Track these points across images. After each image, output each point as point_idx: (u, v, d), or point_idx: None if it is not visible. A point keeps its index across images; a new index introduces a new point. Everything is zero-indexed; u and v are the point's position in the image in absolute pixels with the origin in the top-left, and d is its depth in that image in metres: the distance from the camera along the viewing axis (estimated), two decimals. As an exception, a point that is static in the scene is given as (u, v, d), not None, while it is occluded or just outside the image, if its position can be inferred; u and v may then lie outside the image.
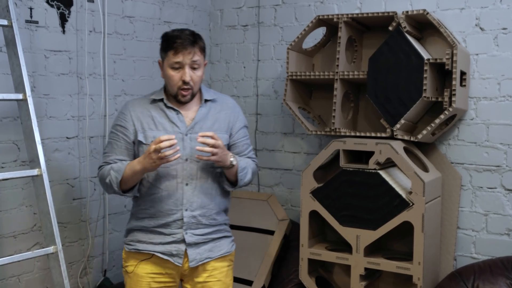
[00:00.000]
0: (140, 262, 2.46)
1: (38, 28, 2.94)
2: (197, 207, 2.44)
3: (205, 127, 2.47)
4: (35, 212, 2.96)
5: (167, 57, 2.39)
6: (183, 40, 2.36)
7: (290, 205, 3.67)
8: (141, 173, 2.36)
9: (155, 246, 2.44)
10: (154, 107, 2.48)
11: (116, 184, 2.37)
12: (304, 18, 3.53)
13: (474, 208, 3.04)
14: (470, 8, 3.00)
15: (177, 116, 2.45)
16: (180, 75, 2.39)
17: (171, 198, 2.42)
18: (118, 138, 2.46)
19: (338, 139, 2.92)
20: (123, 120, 2.46)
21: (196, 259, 2.45)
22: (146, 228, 2.46)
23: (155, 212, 2.44)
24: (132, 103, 2.52)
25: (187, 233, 2.43)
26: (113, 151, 2.46)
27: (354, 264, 2.89)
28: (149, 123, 2.44)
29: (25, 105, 2.50)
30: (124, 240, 2.55)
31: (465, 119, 3.04)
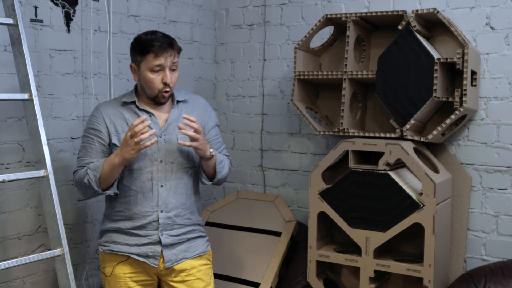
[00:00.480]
0: (117, 264, 2.47)
1: (43, 27, 2.90)
2: (172, 208, 2.46)
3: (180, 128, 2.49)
4: (39, 214, 2.92)
5: (145, 60, 2.39)
6: (162, 43, 2.38)
7: (296, 206, 3.63)
8: (120, 166, 2.35)
9: (130, 248, 2.46)
10: (126, 110, 2.49)
11: (95, 182, 2.34)
12: (311, 17, 3.49)
13: (484, 210, 3.01)
14: (481, 7, 2.96)
15: (150, 118, 2.46)
16: (161, 77, 2.41)
17: (147, 200, 2.44)
18: (92, 141, 2.44)
19: (347, 140, 2.88)
20: (96, 123, 2.46)
21: (171, 259, 2.47)
22: (121, 230, 2.47)
23: (131, 215, 2.45)
24: (103, 105, 2.51)
25: (162, 235, 2.45)
26: (87, 155, 2.44)
27: (364, 266, 2.85)
28: (123, 126, 2.45)
29: (31, 105, 2.46)
30: (99, 241, 2.56)
31: (475, 119, 3.01)
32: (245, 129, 3.79)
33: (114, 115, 2.46)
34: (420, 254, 2.91)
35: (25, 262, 2.39)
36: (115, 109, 2.48)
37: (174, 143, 2.47)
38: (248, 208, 3.57)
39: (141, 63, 2.42)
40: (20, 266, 2.71)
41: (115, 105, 2.51)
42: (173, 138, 2.47)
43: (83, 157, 2.45)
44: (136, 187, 2.44)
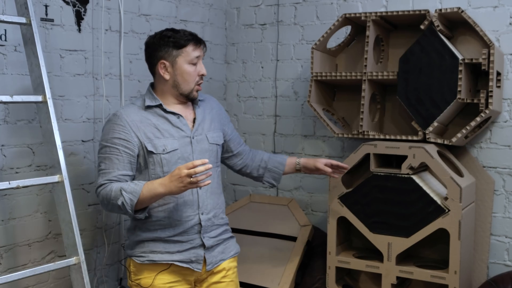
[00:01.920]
0: (158, 274, 2.35)
1: (54, 27, 2.80)
2: (211, 209, 2.41)
3: (206, 127, 2.46)
4: (50, 219, 2.83)
5: (184, 53, 2.34)
6: (195, 35, 2.37)
7: (310, 210, 3.55)
8: (163, 196, 2.23)
9: (172, 255, 2.35)
10: (152, 114, 2.37)
11: (131, 207, 2.21)
12: (326, 17, 3.41)
13: (508, 214, 2.93)
14: (504, 6, 2.89)
15: (179, 120, 2.38)
16: (198, 69, 2.37)
17: (188, 204, 2.35)
18: (118, 152, 2.29)
19: (368, 143, 2.80)
20: (123, 132, 2.30)
21: (212, 262, 2.41)
22: (160, 239, 2.36)
23: (171, 222, 2.34)
24: (125, 113, 2.35)
25: (204, 237, 2.38)
26: (114, 167, 2.28)
27: (386, 272, 2.77)
28: (154, 132, 2.33)
29: (44, 108, 2.36)
30: (131, 252, 2.41)
31: (498, 122, 2.93)
32: (257, 131, 3.70)
33: (140, 121, 2.33)
34: (442, 260, 2.85)
35: (40, 272, 2.29)
36: (140, 115, 2.34)
37: (204, 143, 2.42)
38: (261, 212, 3.49)
39: (177, 57, 2.34)
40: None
41: (137, 110, 2.36)
42: (203, 138, 2.43)
43: (108, 170, 2.29)
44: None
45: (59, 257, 2.89)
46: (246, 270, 3.18)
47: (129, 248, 2.43)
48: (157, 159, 2.30)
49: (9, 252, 2.66)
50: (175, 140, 2.34)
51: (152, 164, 2.32)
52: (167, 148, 2.31)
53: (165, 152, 2.31)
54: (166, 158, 2.31)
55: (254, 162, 2.70)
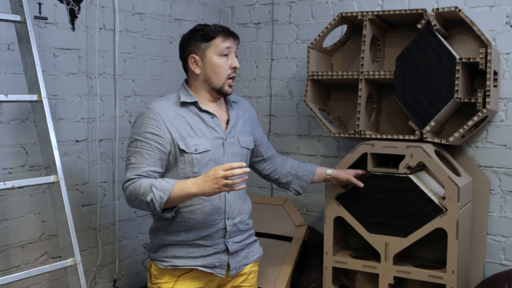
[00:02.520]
0: (178, 277, 2.28)
1: (47, 25, 2.76)
2: (237, 214, 2.35)
3: (238, 130, 2.39)
4: (43, 220, 2.79)
5: (213, 45, 2.26)
6: (225, 28, 2.29)
7: (305, 210, 3.54)
8: (194, 196, 2.16)
9: (195, 260, 2.28)
10: (186, 111, 2.28)
11: (160, 204, 2.12)
12: (322, 16, 3.39)
13: (504, 213, 2.94)
14: (500, 5, 2.89)
15: (213, 120, 2.31)
16: (229, 62, 2.28)
17: (214, 207, 2.28)
18: (150, 147, 2.20)
19: (365, 142, 2.79)
20: (156, 128, 2.21)
21: (236, 267, 2.36)
22: (183, 242, 2.28)
23: (196, 224, 2.27)
24: (159, 107, 2.26)
25: (228, 242, 2.32)
26: (144, 162, 2.19)
27: (383, 272, 2.76)
28: (187, 130, 2.25)
29: (40, 107, 2.32)
30: (154, 256, 2.34)
31: (494, 121, 2.93)
32: (252, 131, 3.68)
33: (174, 118, 2.24)
34: (439, 259, 2.84)
35: (36, 274, 2.25)
36: (174, 111, 2.26)
37: (236, 146, 2.36)
38: (257, 212, 3.45)
39: (206, 50, 2.26)
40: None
41: (171, 106, 2.28)
42: (235, 141, 2.36)
43: (138, 164, 2.20)
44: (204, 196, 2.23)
45: (52, 259, 2.86)
46: (241, 271, 3.16)
47: (152, 251, 2.36)
48: (188, 159, 2.23)
49: (2, 253, 2.62)
50: (208, 141, 2.26)
51: (182, 163, 2.24)
52: (199, 148, 2.24)
53: (197, 152, 2.24)
54: (198, 158, 2.24)
55: (284, 168, 2.65)
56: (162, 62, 3.38)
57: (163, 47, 3.38)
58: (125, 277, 3.26)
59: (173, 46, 3.44)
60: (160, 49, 3.36)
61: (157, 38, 3.34)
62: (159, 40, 3.36)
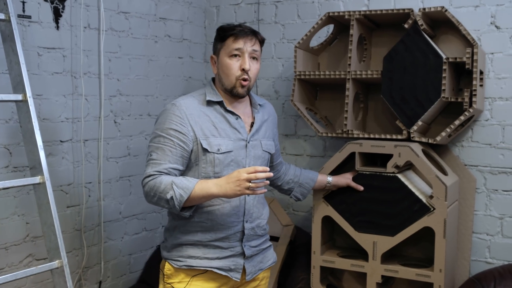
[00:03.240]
0: (192, 277, 2.24)
1: (31, 24, 2.72)
2: (255, 218, 2.31)
3: (261, 134, 2.35)
4: (28, 222, 2.75)
5: (225, 46, 2.22)
6: (243, 28, 2.23)
7: (292, 210, 3.53)
8: (215, 197, 2.12)
9: (211, 262, 2.23)
10: (211, 111, 2.24)
11: (180, 203, 2.08)
12: (308, 15, 3.39)
13: (489, 212, 2.96)
14: (485, 5, 2.91)
15: (237, 122, 2.27)
16: (240, 63, 2.21)
17: (234, 209, 2.24)
18: (173, 144, 2.15)
19: (353, 142, 2.79)
20: (180, 125, 2.17)
21: (251, 272, 2.32)
22: (199, 243, 2.24)
23: (214, 225, 2.23)
24: (184, 104, 2.21)
25: (245, 246, 2.28)
26: (165, 159, 2.15)
27: (371, 271, 2.76)
28: (211, 129, 2.21)
29: (25, 107, 2.28)
30: (168, 255, 2.28)
31: (480, 120, 2.95)
32: (237, 131, 3.66)
33: (199, 116, 2.20)
34: (426, 258, 2.86)
35: (22, 276, 2.21)
36: (198, 110, 2.22)
37: (258, 149, 2.32)
38: (243, 212, 3.45)
39: (220, 50, 2.24)
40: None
41: (197, 104, 2.23)
42: (258, 144, 2.32)
43: (159, 160, 2.15)
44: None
45: (37, 261, 2.82)
46: (228, 271, 3.15)
47: (166, 250, 2.30)
48: (210, 158, 2.19)
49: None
50: (231, 142, 2.22)
51: (204, 163, 2.20)
52: (222, 148, 2.20)
53: (220, 152, 2.20)
54: (220, 158, 2.20)
55: (287, 176, 2.62)
56: (147, 61, 3.35)
57: (148, 46, 3.35)
58: (110, 278, 3.22)
59: (158, 46, 3.41)
60: (145, 49, 3.33)
61: (142, 37, 3.31)
62: (144, 39, 3.33)
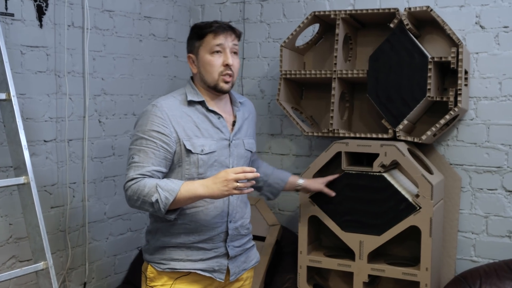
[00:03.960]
0: (175, 280, 2.21)
1: (14, 22, 2.68)
2: (239, 218, 2.29)
3: (243, 132, 2.33)
4: (11, 223, 2.70)
5: (204, 43, 2.19)
6: (221, 24, 2.21)
7: (277, 209, 3.52)
8: (201, 198, 2.09)
9: (194, 264, 2.21)
10: (193, 111, 2.21)
11: (165, 205, 2.04)
12: (293, 15, 3.39)
13: (474, 210, 2.98)
14: (470, 5, 2.93)
15: (220, 121, 2.24)
16: (222, 59, 2.19)
17: (218, 210, 2.21)
18: (155, 146, 2.12)
19: (340, 141, 2.79)
20: (162, 126, 2.13)
21: (235, 272, 2.30)
22: (183, 245, 2.21)
23: (197, 227, 2.20)
24: (166, 105, 2.18)
25: (229, 246, 2.26)
26: (148, 161, 2.11)
27: (357, 271, 2.77)
28: (193, 130, 2.18)
29: (9, 106, 2.25)
30: (150, 258, 2.25)
31: (465, 119, 2.97)
32: (223, 130, 3.65)
33: (181, 117, 2.17)
34: (412, 257, 2.87)
35: (7, 278, 2.17)
36: (180, 110, 2.19)
37: (241, 148, 2.30)
38: (229, 212, 3.43)
39: (199, 48, 2.21)
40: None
41: (178, 104, 2.20)
42: (240, 143, 2.29)
43: (142, 163, 2.11)
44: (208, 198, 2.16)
45: (20, 262, 2.77)
46: (215, 272, 3.13)
47: (148, 253, 2.26)
48: (193, 159, 2.16)
49: (-32, 258, 2.54)
50: (214, 142, 2.19)
51: (188, 164, 2.17)
52: (205, 149, 2.17)
53: (203, 153, 2.17)
54: (204, 159, 2.17)
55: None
56: (132, 60, 3.33)
57: (133, 45, 3.32)
58: (95, 280, 3.19)
59: (143, 44, 3.39)
60: (130, 47, 3.30)
61: (126, 36, 3.28)
62: (129, 38, 3.30)
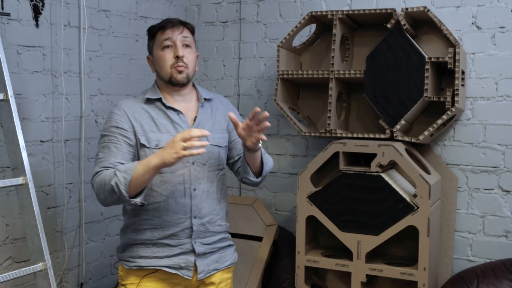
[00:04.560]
0: (142, 278, 2.22)
1: (10, 21, 2.67)
2: (206, 214, 2.27)
3: (207, 128, 2.30)
4: (7, 224, 2.69)
5: (156, 41, 2.25)
6: (170, 19, 2.27)
7: (274, 209, 3.52)
8: (156, 169, 2.06)
9: (160, 260, 2.21)
10: (152, 108, 2.25)
11: (124, 186, 2.03)
12: (290, 15, 3.39)
13: (471, 210, 2.99)
14: (467, 6, 2.94)
15: (179, 117, 2.26)
16: (173, 53, 2.22)
17: (179, 205, 2.21)
18: (117, 140, 2.16)
19: (337, 141, 2.79)
20: (120, 122, 2.19)
21: (204, 270, 2.27)
22: (149, 241, 2.22)
23: (161, 223, 2.21)
24: (124, 103, 2.26)
25: (196, 243, 2.24)
26: (111, 155, 2.14)
27: (355, 271, 2.77)
28: (150, 125, 2.21)
29: (6, 106, 2.24)
30: (120, 256, 2.29)
31: (461, 119, 2.98)
32: (219, 130, 3.65)
33: (139, 113, 2.22)
34: (409, 257, 2.88)
35: (5, 279, 2.15)
36: (139, 107, 2.24)
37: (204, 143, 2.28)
38: (225, 212, 3.43)
39: (153, 47, 2.26)
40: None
41: (138, 102, 2.26)
42: (203, 138, 2.25)
43: (106, 158, 2.14)
44: (167, 192, 2.20)
45: (17, 263, 2.76)
46: (212, 272, 3.13)
47: (119, 251, 2.30)
48: (148, 154, 2.16)
49: (-35, 259, 2.52)
50: (171, 136, 2.17)
51: (145, 158, 2.16)
52: (161, 143, 2.18)
53: (158, 147, 2.17)
54: None
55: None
56: (129, 60, 3.32)
57: (129, 45, 3.31)
58: (92, 280, 3.18)
59: (139, 44, 3.38)
60: (126, 47, 3.29)
61: (123, 35, 3.27)
62: (125, 38, 3.29)
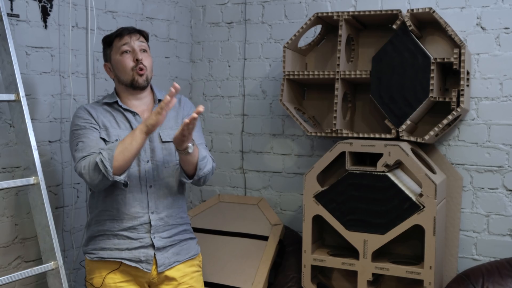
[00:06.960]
0: (108, 273, 2.31)
1: (19, 23, 2.69)
2: (164, 209, 2.36)
3: (163, 126, 2.40)
4: (16, 223, 2.71)
5: (113, 47, 2.37)
6: (125, 28, 2.40)
7: (279, 209, 3.55)
8: (142, 134, 2.15)
9: (121, 253, 2.31)
10: (112, 109, 2.40)
11: (109, 162, 2.11)
12: (295, 16, 3.41)
13: (475, 209, 3.02)
14: (471, 7, 2.97)
15: (135, 118, 2.38)
16: (132, 57, 2.34)
17: (136, 200, 2.32)
18: (90, 128, 2.29)
19: (344, 141, 2.82)
20: (86, 117, 2.32)
21: (164, 263, 2.35)
22: (110, 232, 2.32)
23: (119, 214, 2.31)
24: (87, 105, 2.42)
25: (155, 237, 2.33)
26: (91, 143, 2.23)
27: (362, 269, 2.79)
28: (111, 121, 2.35)
29: (18, 107, 2.26)
30: (84, 249, 2.40)
31: (466, 120, 3.01)
32: (224, 131, 3.67)
33: (101, 112, 2.36)
34: (415, 255, 2.90)
35: (18, 278, 2.18)
36: (100, 108, 2.39)
37: (156, 141, 2.39)
38: (231, 211, 3.46)
39: (111, 54, 2.39)
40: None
41: (98, 105, 2.41)
42: (155, 136, 2.39)
43: (89, 144, 2.23)
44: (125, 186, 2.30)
45: (25, 263, 2.78)
46: (218, 271, 3.15)
47: (84, 245, 2.43)
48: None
49: (-25, 258, 2.54)
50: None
51: None
52: (121, 138, 2.27)
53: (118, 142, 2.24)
54: None
55: None
56: (135, 61, 3.33)
57: (135, 46, 3.33)
58: (98, 280, 3.20)
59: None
60: (132, 48, 3.31)
61: (129, 36, 3.29)
62: (132, 39, 3.31)
